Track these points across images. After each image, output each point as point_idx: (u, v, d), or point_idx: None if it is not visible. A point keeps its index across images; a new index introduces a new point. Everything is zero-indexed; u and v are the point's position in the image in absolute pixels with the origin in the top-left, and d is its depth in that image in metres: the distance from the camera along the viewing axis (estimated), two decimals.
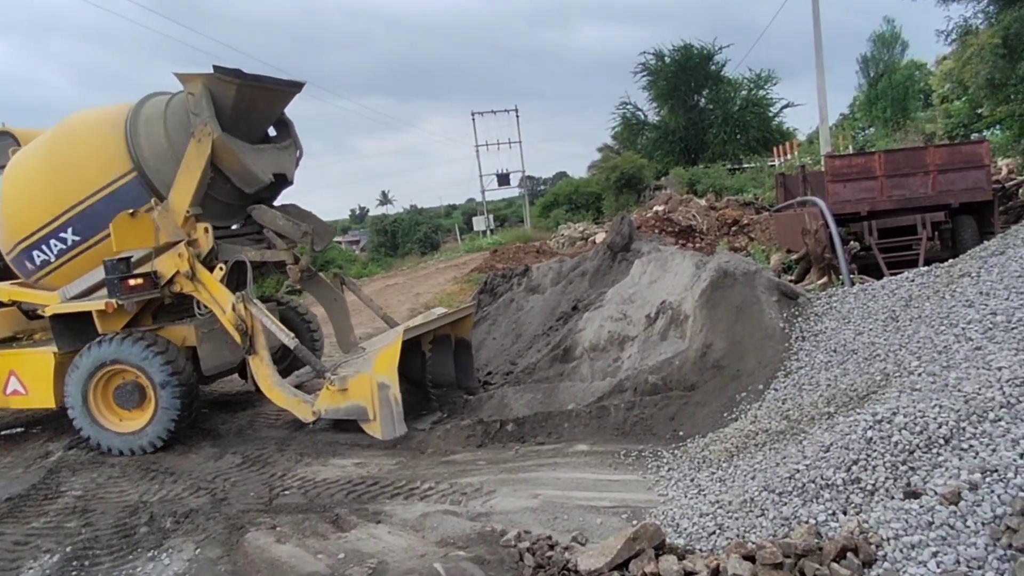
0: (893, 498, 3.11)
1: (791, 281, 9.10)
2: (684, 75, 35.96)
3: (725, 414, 5.18)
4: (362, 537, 4.18)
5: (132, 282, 6.18)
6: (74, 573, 4.20)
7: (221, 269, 6.35)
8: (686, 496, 4.07)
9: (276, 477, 5.44)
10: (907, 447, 3.28)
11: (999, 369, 3.54)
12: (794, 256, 11.84)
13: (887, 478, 3.21)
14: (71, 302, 6.58)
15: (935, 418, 3.33)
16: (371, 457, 5.72)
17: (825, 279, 9.73)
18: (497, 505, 4.42)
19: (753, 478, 3.85)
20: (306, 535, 4.31)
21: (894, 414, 3.48)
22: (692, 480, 4.29)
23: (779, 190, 14.22)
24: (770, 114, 36.52)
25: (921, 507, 2.95)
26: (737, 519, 3.53)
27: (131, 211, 6.21)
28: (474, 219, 46.68)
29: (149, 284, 6.30)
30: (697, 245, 15.44)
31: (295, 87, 6.78)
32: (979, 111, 22.82)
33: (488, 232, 40.26)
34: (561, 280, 9.23)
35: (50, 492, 5.68)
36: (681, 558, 3.23)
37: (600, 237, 16.76)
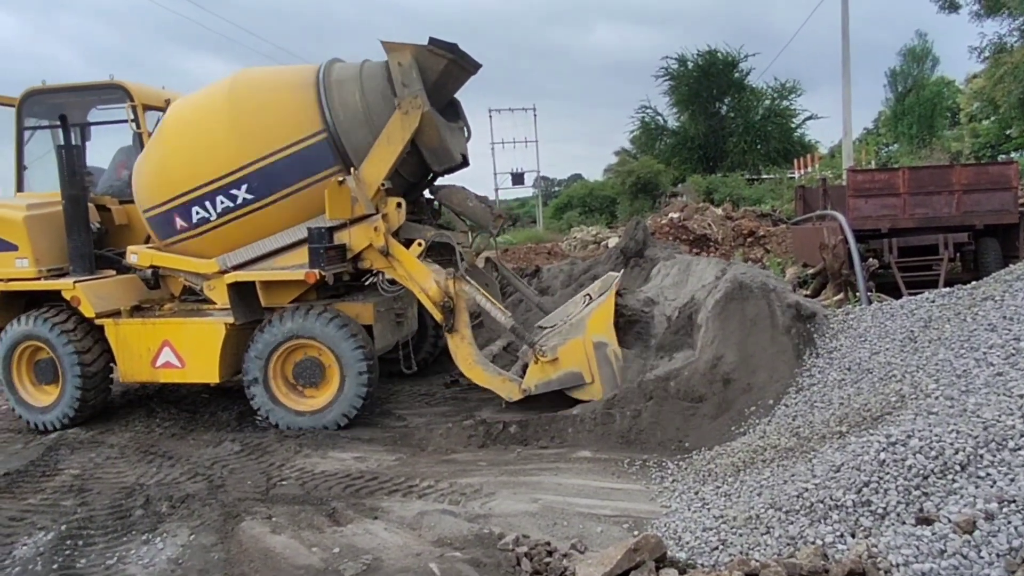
0: (904, 523, 3.01)
1: (806, 296, 8.96)
2: (707, 81, 35.50)
3: (733, 428, 5.08)
4: (358, 532, 4.13)
5: (331, 253, 5.95)
6: (68, 552, 4.17)
7: (420, 246, 6.13)
8: (690, 509, 3.98)
9: (274, 467, 5.40)
10: (921, 471, 3.17)
11: (1021, 397, 3.43)
12: (810, 271, 11.68)
13: (899, 502, 3.11)
14: (258, 270, 6.26)
15: (952, 443, 3.23)
16: (371, 452, 5.68)
17: (841, 295, 9.58)
18: (496, 507, 4.35)
19: (759, 494, 3.75)
20: (301, 527, 4.26)
21: (909, 437, 3.37)
22: (696, 493, 4.19)
23: (798, 203, 14.05)
24: (792, 125, 36.07)
25: (933, 534, 2.85)
26: (741, 536, 3.44)
27: (340, 179, 5.88)
28: None
29: (340, 257, 6.06)
30: (711, 255, 15.29)
31: (476, 69, 6.52)
32: (1008, 132, 22.43)
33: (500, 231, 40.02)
34: (572, 283, 9.17)
35: (48, 469, 5.69)
36: (682, 572, 3.14)
37: (613, 242, 16.60)
